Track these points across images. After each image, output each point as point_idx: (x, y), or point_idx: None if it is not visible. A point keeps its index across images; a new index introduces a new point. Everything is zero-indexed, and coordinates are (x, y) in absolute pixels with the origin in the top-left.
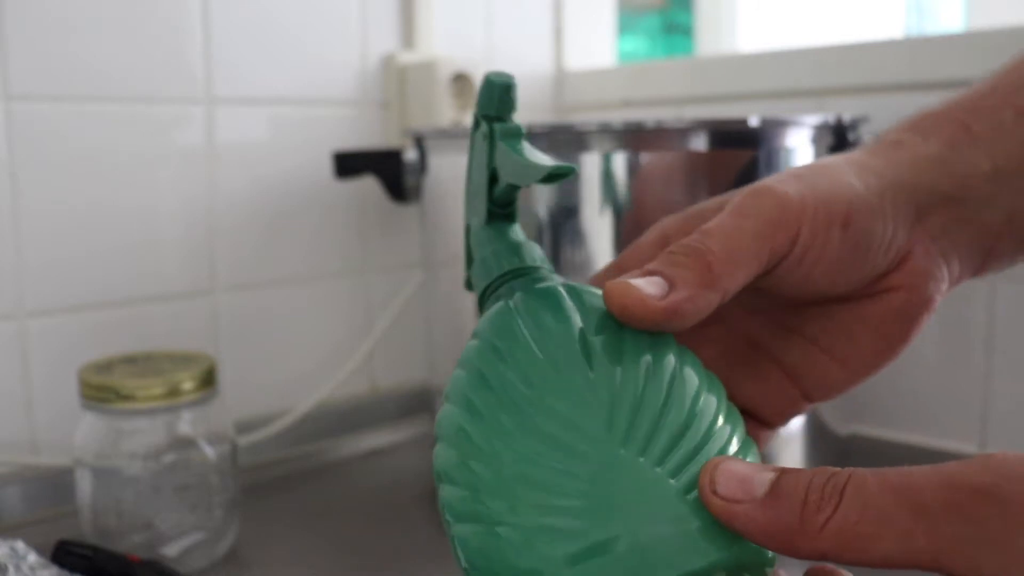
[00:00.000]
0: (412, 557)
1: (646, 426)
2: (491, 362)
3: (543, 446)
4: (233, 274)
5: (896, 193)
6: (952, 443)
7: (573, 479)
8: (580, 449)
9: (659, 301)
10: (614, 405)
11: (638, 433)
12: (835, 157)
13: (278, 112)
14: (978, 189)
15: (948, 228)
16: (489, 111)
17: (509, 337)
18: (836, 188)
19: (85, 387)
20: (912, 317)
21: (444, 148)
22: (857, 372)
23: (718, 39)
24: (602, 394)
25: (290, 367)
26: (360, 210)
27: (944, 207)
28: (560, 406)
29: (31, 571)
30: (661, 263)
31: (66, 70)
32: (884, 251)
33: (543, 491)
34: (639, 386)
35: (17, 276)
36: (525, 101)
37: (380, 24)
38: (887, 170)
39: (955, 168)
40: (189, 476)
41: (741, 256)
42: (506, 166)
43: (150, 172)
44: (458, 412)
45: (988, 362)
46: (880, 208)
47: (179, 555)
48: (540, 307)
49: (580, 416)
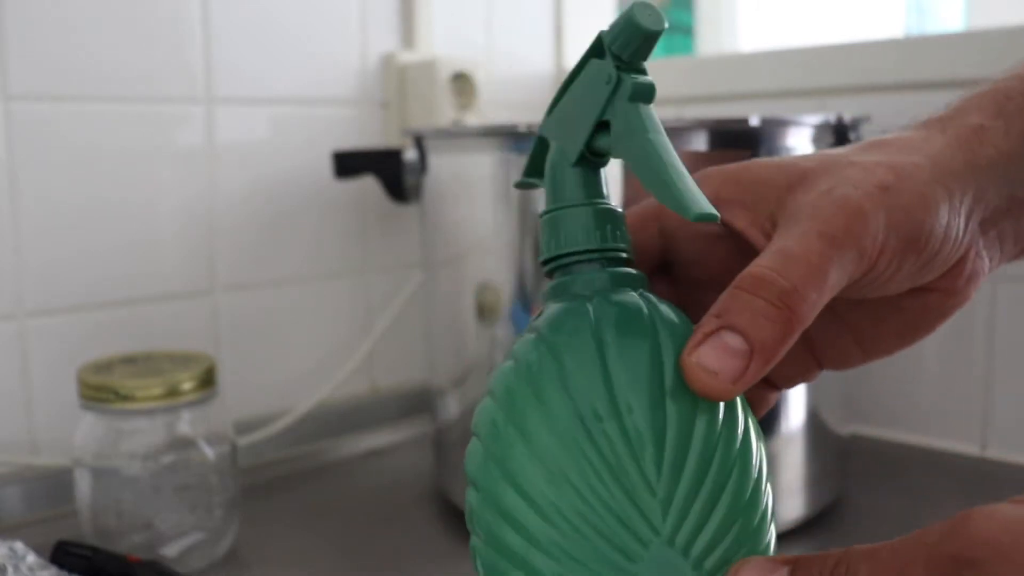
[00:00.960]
0: (412, 557)
1: (693, 524)
2: (553, 382)
3: (581, 505)
4: (233, 274)
5: (978, 203)
6: (953, 443)
7: (603, 552)
8: (622, 533)
9: (741, 378)
10: (670, 502)
11: (684, 530)
12: (919, 146)
13: (278, 112)
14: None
15: (1006, 232)
16: (623, 52)
17: (580, 361)
18: (922, 205)
19: (84, 387)
20: (945, 312)
21: (444, 148)
22: (874, 353)
23: (718, 39)
24: (667, 476)
25: (290, 367)
26: (360, 210)
27: (1011, 213)
28: (624, 478)
29: (30, 571)
30: (739, 312)
31: (66, 70)
32: (948, 261)
33: (565, 554)
34: (702, 472)
35: (17, 276)
36: (525, 100)
37: (380, 24)
38: (970, 175)
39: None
40: (189, 476)
41: (828, 293)
42: (627, 143)
43: (150, 172)
44: (503, 423)
45: (989, 362)
46: (956, 227)
47: (179, 555)
48: (623, 340)
49: (632, 498)
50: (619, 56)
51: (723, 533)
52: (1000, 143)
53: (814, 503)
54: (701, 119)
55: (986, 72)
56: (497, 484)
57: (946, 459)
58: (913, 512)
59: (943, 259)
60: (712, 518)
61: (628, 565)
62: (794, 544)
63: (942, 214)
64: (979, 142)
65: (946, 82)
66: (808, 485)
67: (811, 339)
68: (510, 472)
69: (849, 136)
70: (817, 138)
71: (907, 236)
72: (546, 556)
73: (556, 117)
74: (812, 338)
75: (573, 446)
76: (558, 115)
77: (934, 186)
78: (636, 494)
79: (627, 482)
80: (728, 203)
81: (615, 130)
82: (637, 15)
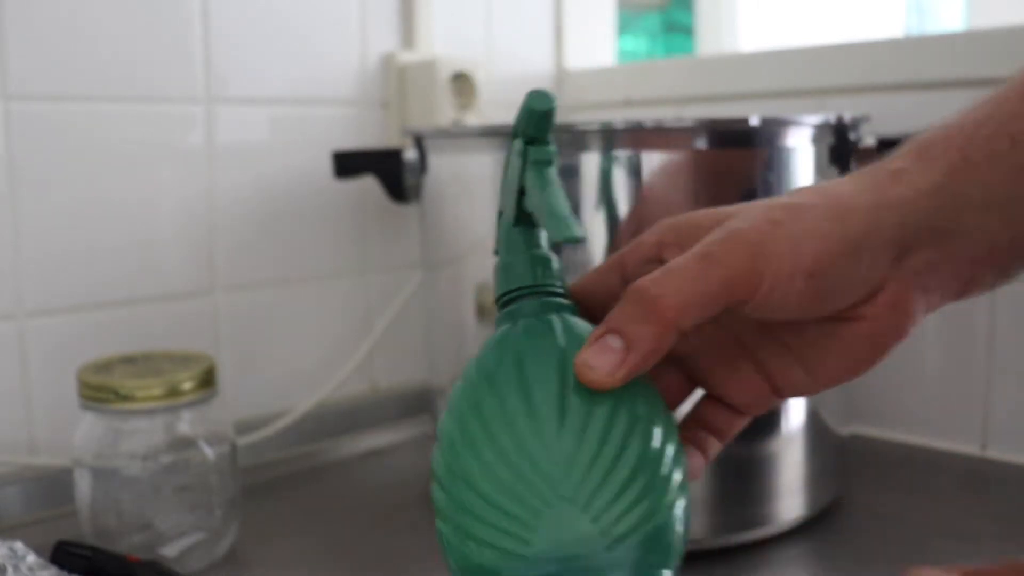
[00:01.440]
0: (412, 557)
1: (592, 485)
2: (486, 391)
3: (512, 480)
4: (233, 274)
5: (877, 236)
6: (953, 444)
7: (527, 516)
8: (539, 492)
9: (618, 370)
10: (572, 463)
11: (585, 490)
12: (825, 190)
13: (278, 112)
14: (967, 222)
15: (931, 263)
16: (527, 130)
17: (504, 373)
18: (809, 237)
19: (84, 387)
20: (880, 344)
21: (444, 148)
22: (823, 382)
23: (718, 39)
24: (567, 448)
25: (290, 367)
26: (360, 210)
27: (930, 244)
28: (531, 450)
29: (30, 572)
30: (619, 319)
31: (66, 70)
32: (852, 292)
33: (503, 516)
34: (597, 446)
35: (16, 276)
36: None
37: (380, 24)
38: (875, 211)
39: (949, 201)
40: (189, 476)
41: (697, 302)
42: (532, 196)
43: (150, 172)
44: (453, 428)
45: (989, 363)
46: (854, 253)
47: (178, 555)
48: (536, 350)
49: (544, 464)
50: (526, 134)
51: (619, 495)
52: (918, 181)
53: (814, 503)
54: (702, 119)
55: (985, 72)
56: (448, 473)
57: (946, 459)
58: (913, 512)
59: (845, 288)
60: (607, 485)
61: (535, 521)
62: (794, 544)
63: (830, 246)
64: (892, 183)
65: (946, 82)
66: (808, 485)
67: (762, 365)
68: (454, 463)
69: (849, 135)
70: (817, 138)
71: (792, 264)
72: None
73: (501, 189)
74: (763, 364)
75: (495, 434)
76: (502, 187)
77: (824, 222)
78: (541, 466)
79: (534, 457)
80: (668, 246)
81: (527, 190)
82: (530, 101)
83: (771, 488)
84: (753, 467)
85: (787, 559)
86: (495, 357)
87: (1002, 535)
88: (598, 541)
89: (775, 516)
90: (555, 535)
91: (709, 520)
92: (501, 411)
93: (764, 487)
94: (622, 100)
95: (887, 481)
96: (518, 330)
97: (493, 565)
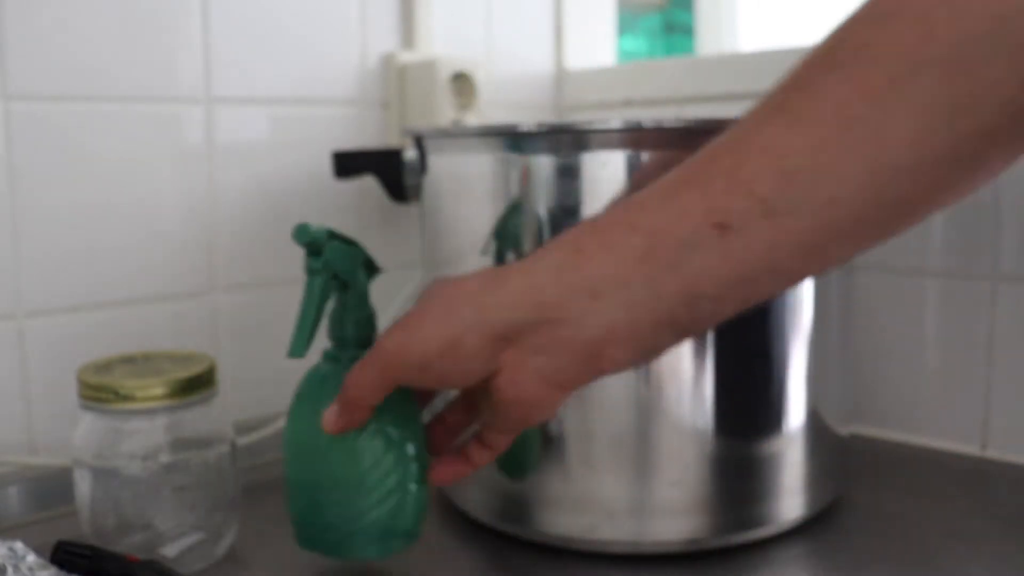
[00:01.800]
0: (412, 557)
1: (369, 478)
2: (305, 409)
3: (335, 478)
4: (233, 274)
5: (480, 329)
6: (953, 443)
7: (341, 492)
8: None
9: (335, 424)
10: (348, 464)
11: (369, 476)
12: (454, 286)
13: (278, 112)
14: (576, 309)
15: (543, 347)
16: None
17: (315, 399)
18: (418, 339)
19: (84, 387)
20: (522, 412)
21: (444, 148)
22: (497, 442)
23: (718, 39)
24: (345, 455)
25: (290, 367)
26: (360, 210)
27: (534, 331)
28: (328, 453)
29: (30, 572)
30: (337, 400)
31: (66, 70)
32: (463, 377)
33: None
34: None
35: (16, 276)
36: (525, 100)
37: (380, 23)
38: (480, 312)
39: (552, 293)
40: (188, 476)
41: (365, 394)
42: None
43: (150, 172)
44: (290, 430)
45: (989, 362)
46: (460, 346)
47: (178, 555)
48: (334, 386)
49: (347, 467)
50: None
51: (375, 488)
52: (529, 274)
53: (814, 503)
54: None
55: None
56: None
57: (946, 459)
58: (913, 512)
59: (455, 375)
60: (367, 482)
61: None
62: (794, 544)
63: (430, 347)
64: (503, 280)
65: None
66: (808, 485)
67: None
68: (288, 466)
69: None
70: None
71: (405, 356)
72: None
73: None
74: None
75: (306, 442)
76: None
77: (431, 324)
78: (335, 472)
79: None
80: None
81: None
82: (293, 235)
83: (771, 488)
84: (753, 467)
85: (787, 559)
86: (312, 386)
87: (1002, 535)
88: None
89: (775, 516)
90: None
91: (709, 520)
92: (312, 423)
93: (764, 487)
94: (622, 100)
95: (887, 481)
96: (324, 368)
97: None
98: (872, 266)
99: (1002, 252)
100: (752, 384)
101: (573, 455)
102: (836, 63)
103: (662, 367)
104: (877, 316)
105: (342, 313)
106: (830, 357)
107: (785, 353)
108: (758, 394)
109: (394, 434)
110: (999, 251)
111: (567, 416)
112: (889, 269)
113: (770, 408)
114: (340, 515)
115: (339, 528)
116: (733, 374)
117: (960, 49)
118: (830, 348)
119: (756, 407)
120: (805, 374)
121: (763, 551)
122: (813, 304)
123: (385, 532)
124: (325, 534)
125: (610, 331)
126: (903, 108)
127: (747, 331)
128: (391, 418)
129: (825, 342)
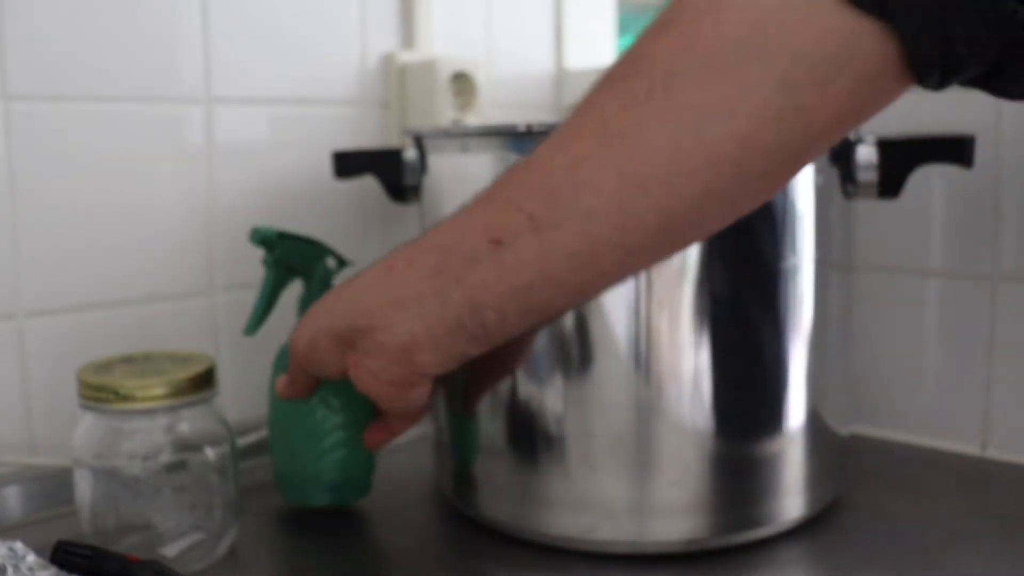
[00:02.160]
0: (412, 557)
1: (316, 436)
2: (278, 378)
3: (293, 435)
4: (233, 274)
5: (328, 332)
6: (953, 443)
7: (298, 447)
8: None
9: (284, 392)
10: (299, 425)
11: (316, 435)
12: (335, 293)
13: (278, 112)
14: (386, 318)
15: (370, 350)
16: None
17: (283, 370)
18: (297, 336)
19: (84, 387)
20: (382, 404)
21: (444, 148)
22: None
23: None
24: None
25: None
26: (360, 210)
27: (363, 336)
28: (289, 415)
29: (30, 572)
30: (288, 372)
31: (66, 70)
32: (330, 368)
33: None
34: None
35: (16, 276)
36: (525, 100)
37: (380, 23)
38: (328, 315)
39: (372, 303)
40: (188, 476)
41: (296, 378)
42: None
43: (149, 172)
44: (270, 395)
45: (989, 362)
46: (317, 345)
47: (178, 555)
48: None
49: (301, 426)
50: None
51: (321, 448)
52: (358, 284)
53: (814, 503)
54: None
55: None
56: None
57: (946, 459)
58: (913, 512)
59: (320, 368)
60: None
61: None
62: (794, 544)
63: (302, 344)
64: (341, 289)
65: None
66: (808, 485)
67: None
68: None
69: (849, 136)
70: None
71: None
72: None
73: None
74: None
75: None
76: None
77: (307, 321)
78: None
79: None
80: None
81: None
82: (249, 237)
83: (771, 488)
84: (753, 467)
85: (787, 559)
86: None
87: (1002, 535)
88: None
89: (775, 516)
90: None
91: (709, 520)
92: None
93: (764, 487)
94: None
95: (887, 481)
96: None
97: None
98: (872, 266)
99: (1002, 252)
100: (752, 384)
101: (573, 455)
102: (613, 78)
103: (662, 367)
104: (877, 316)
105: (308, 299)
106: (830, 357)
107: (785, 353)
108: (758, 394)
109: (334, 403)
110: (999, 251)
111: (567, 416)
112: (889, 269)
113: (770, 408)
114: (299, 465)
115: (299, 476)
116: (733, 374)
117: (716, 56)
118: (830, 348)
119: (756, 407)
120: (805, 374)
121: (763, 551)
122: (813, 304)
123: (337, 483)
124: (292, 482)
125: (412, 337)
126: (656, 117)
127: (747, 331)
128: (332, 388)
129: (825, 342)
